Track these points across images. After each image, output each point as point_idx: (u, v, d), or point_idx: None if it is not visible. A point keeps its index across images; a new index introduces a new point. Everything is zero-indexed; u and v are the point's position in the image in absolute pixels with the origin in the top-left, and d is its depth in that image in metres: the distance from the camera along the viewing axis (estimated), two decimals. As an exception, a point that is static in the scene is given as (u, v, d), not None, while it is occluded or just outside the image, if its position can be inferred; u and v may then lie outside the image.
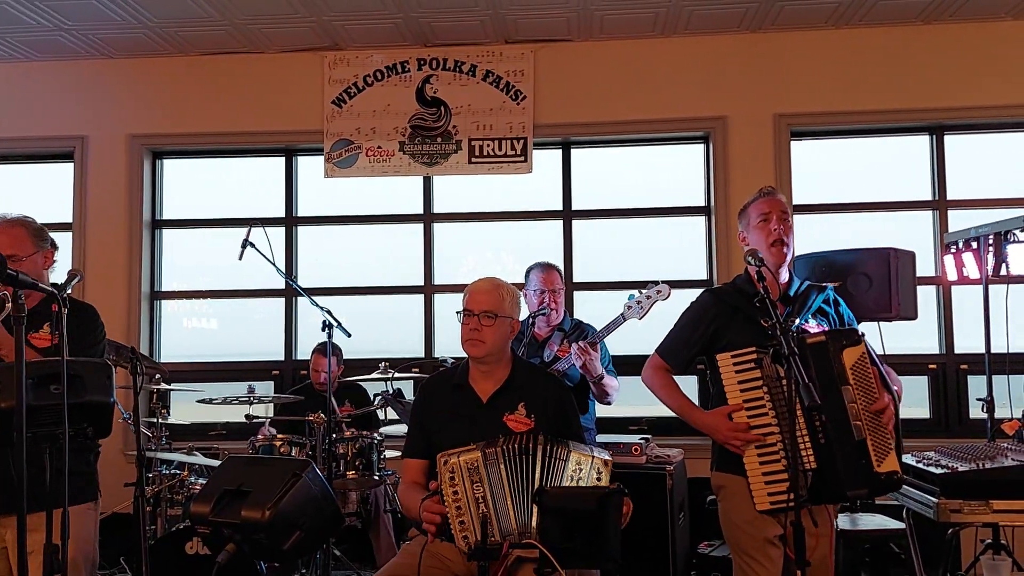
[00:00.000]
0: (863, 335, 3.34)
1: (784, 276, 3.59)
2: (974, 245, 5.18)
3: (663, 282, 4.67)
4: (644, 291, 4.68)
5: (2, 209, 3.70)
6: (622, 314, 4.68)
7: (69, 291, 3.29)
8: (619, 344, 4.99)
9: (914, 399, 6.63)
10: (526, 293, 4.95)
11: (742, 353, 3.35)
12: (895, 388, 3.39)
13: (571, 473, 3.10)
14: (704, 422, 3.49)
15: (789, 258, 3.58)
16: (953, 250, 5.38)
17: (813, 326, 3.50)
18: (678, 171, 7.09)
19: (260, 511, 3.08)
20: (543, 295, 4.86)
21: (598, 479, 3.10)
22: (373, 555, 5.73)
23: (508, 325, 3.50)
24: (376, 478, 5.27)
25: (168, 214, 7.36)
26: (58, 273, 3.67)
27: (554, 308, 4.88)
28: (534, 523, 3.01)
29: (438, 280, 7.11)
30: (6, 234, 3.48)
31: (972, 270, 5.22)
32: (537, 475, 3.07)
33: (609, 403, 4.86)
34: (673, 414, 3.65)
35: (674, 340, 3.70)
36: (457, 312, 3.51)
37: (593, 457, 3.13)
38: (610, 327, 4.69)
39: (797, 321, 3.41)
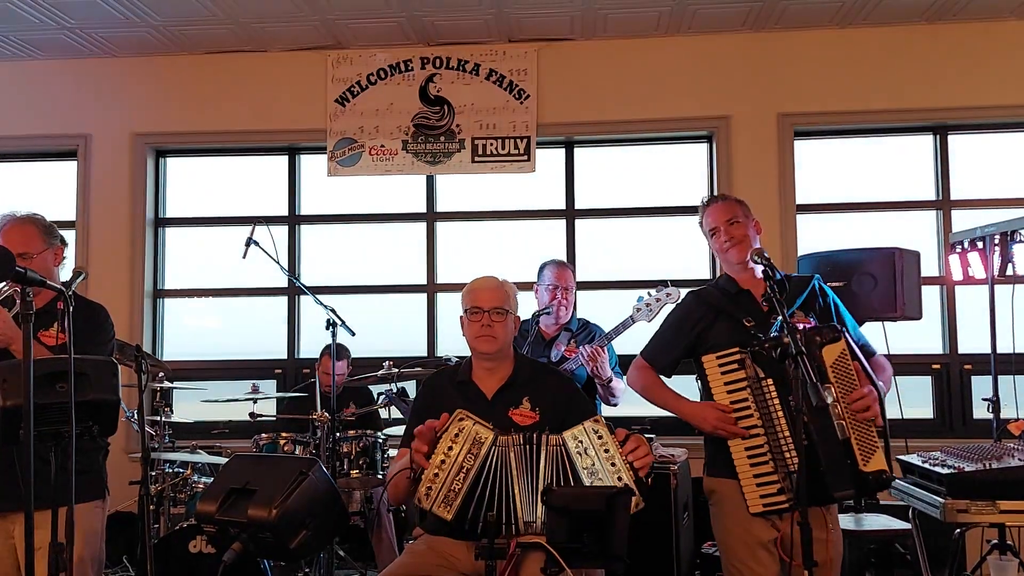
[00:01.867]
0: (842, 331, 3.31)
1: (758, 273, 3.50)
2: (980, 245, 5.16)
3: (672, 283, 4.67)
4: (653, 293, 4.66)
5: (6, 207, 3.69)
6: (631, 316, 4.66)
7: (74, 289, 3.29)
8: (624, 345, 4.97)
9: (917, 399, 6.62)
10: (537, 288, 4.96)
11: (726, 354, 3.35)
12: (881, 381, 3.35)
13: (575, 451, 3.05)
14: (692, 412, 3.48)
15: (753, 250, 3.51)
16: (959, 250, 5.36)
17: (799, 322, 3.44)
18: (681, 170, 7.09)
19: (267, 510, 3.07)
20: (555, 291, 4.86)
21: (600, 438, 3.02)
22: (375, 555, 5.72)
23: (513, 321, 3.53)
24: (380, 477, 5.26)
25: (171, 212, 7.36)
26: (66, 271, 3.68)
27: (564, 306, 4.88)
28: (539, 515, 3.02)
29: (441, 279, 7.10)
30: (17, 231, 3.48)
31: (978, 270, 5.20)
32: (541, 468, 3.07)
33: (615, 404, 4.87)
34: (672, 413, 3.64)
35: (657, 343, 3.71)
36: (466, 310, 3.51)
37: (583, 424, 3.07)
38: (619, 329, 4.68)
39: (778, 319, 3.36)
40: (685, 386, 3.72)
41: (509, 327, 3.50)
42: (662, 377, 3.68)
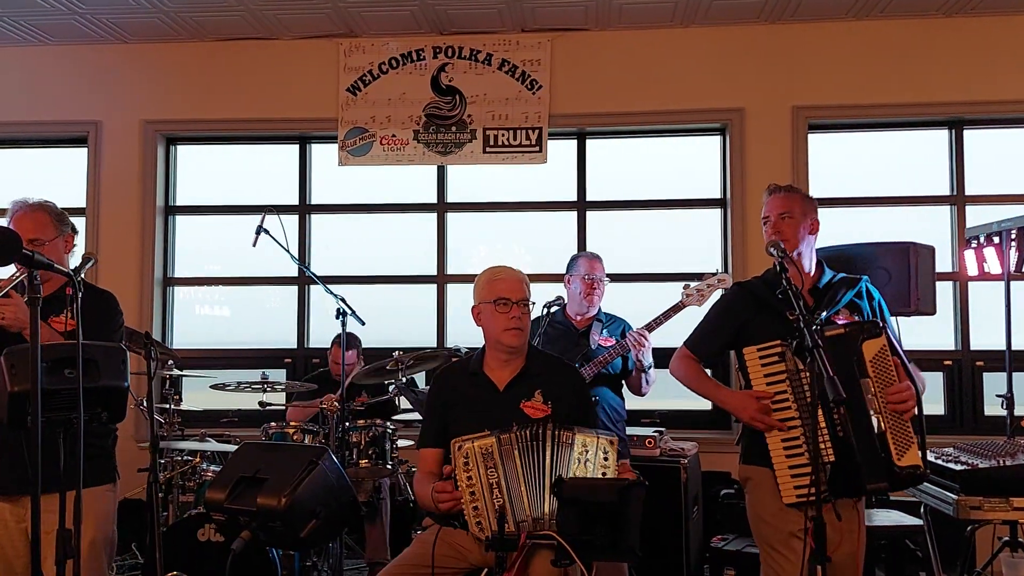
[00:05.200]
0: (883, 327, 3.31)
1: (810, 267, 3.56)
2: (996, 240, 5.12)
3: (723, 271, 4.72)
4: (705, 280, 4.75)
5: (16, 194, 3.68)
6: (680, 301, 4.71)
7: (83, 275, 3.28)
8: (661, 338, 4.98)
9: (929, 395, 6.54)
10: (569, 279, 4.98)
11: (767, 346, 3.35)
12: (918, 382, 3.36)
13: (577, 455, 3.11)
14: (731, 402, 3.52)
15: (799, 249, 3.52)
16: (974, 245, 5.32)
17: (843, 319, 3.46)
18: (694, 163, 7.04)
19: (277, 498, 3.07)
20: (591, 281, 4.88)
21: (605, 459, 3.09)
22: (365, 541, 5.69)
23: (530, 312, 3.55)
24: (389, 467, 5.25)
25: (181, 200, 7.35)
26: (75, 258, 3.67)
27: (597, 296, 4.92)
28: (547, 509, 3.02)
29: (451, 270, 7.08)
30: (29, 218, 3.48)
31: (994, 265, 5.16)
32: (547, 461, 3.09)
33: (643, 394, 4.91)
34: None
35: (701, 333, 3.72)
36: (492, 302, 3.47)
37: (598, 438, 3.14)
38: (668, 314, 4.74)
39: (824, 314, 3.38)
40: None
41: (530, 320, 3.52)
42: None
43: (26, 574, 3.37)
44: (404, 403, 5.73)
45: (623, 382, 4.95)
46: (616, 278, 6.81)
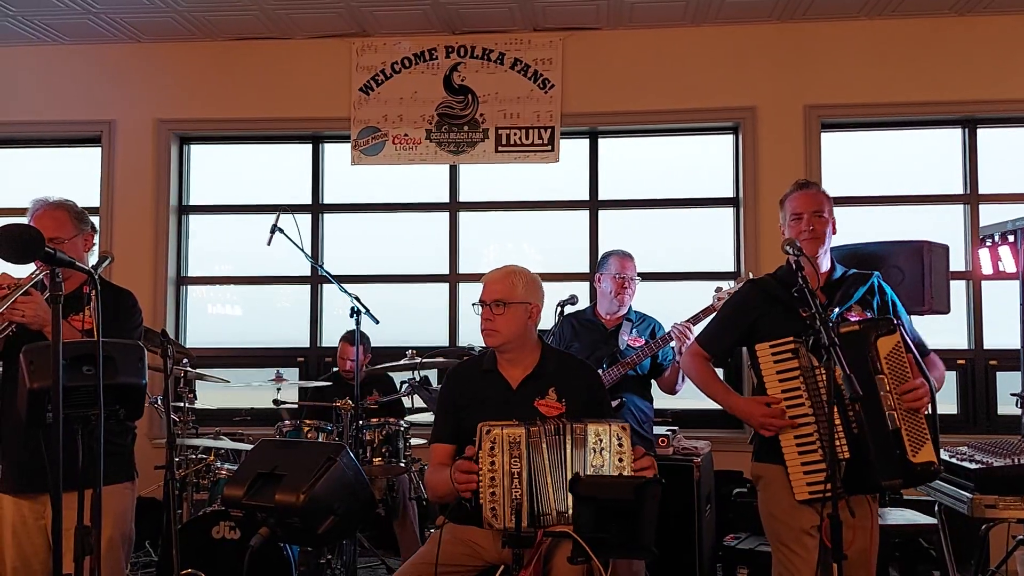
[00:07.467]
0: (898, 324, 3.31)
1: (825, 265, 3.57)
2: (1011, 239, 5.11)
3: (750, 274, 4.75)
4: (737, 282, 4.75)
5: (31, 194, 3.71)
6: (711, 305, 4.72)
7: (99, 272, 3.30)
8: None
9: (942, 395, 6.51)
10: (600, 277, 4.99)
11: (780, 343, 3.35)
12: (934, 376, 3.36)
13: (592, 446, 3.09)
14: (740, 408, 3.54)
15: (824, 248, 3.55)
16: (988, 243, 5.31)
17: (855, 315, 3.46)
18: (707, 162, 7.04)
19: (294, 495, 3.08)
20: (622, 280, 4.88)
21: (620, 445, 3.07)
22: (397, 543, 5.72)
23: (524, 310, 3.46)
24: (402, 465, 5.26)
25: (195, 200, 7.37)
26: (94, 257, 3.69)
27: (628, 295, 4.92)
28: (570, 503, 3.01)
29: (463, 269, 7.08)
30: (49, 217, 3.49)
31: (1008, 264, 5.15)
32: (568, 456, 3.08)
33: (676, 392, 4.92)
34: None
35: (714, 330, 3.75)
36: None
37: (610, 425, 3.11)
38: (699, 316, 4.74)
39: (836, 310, 3.39)
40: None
41: (515, 319, 3.44)
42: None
43: (44, 571, 3.41)
44: (417, 402, 5.73)
45: (652, 382, 4.96)
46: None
